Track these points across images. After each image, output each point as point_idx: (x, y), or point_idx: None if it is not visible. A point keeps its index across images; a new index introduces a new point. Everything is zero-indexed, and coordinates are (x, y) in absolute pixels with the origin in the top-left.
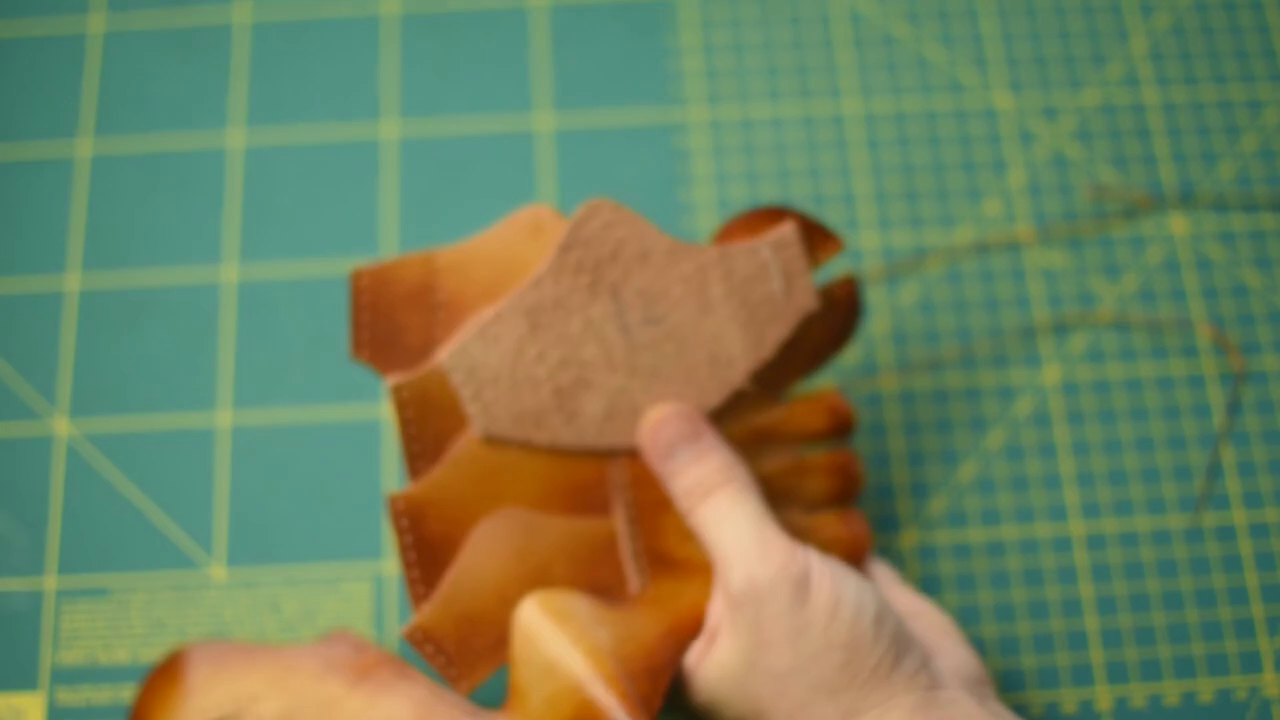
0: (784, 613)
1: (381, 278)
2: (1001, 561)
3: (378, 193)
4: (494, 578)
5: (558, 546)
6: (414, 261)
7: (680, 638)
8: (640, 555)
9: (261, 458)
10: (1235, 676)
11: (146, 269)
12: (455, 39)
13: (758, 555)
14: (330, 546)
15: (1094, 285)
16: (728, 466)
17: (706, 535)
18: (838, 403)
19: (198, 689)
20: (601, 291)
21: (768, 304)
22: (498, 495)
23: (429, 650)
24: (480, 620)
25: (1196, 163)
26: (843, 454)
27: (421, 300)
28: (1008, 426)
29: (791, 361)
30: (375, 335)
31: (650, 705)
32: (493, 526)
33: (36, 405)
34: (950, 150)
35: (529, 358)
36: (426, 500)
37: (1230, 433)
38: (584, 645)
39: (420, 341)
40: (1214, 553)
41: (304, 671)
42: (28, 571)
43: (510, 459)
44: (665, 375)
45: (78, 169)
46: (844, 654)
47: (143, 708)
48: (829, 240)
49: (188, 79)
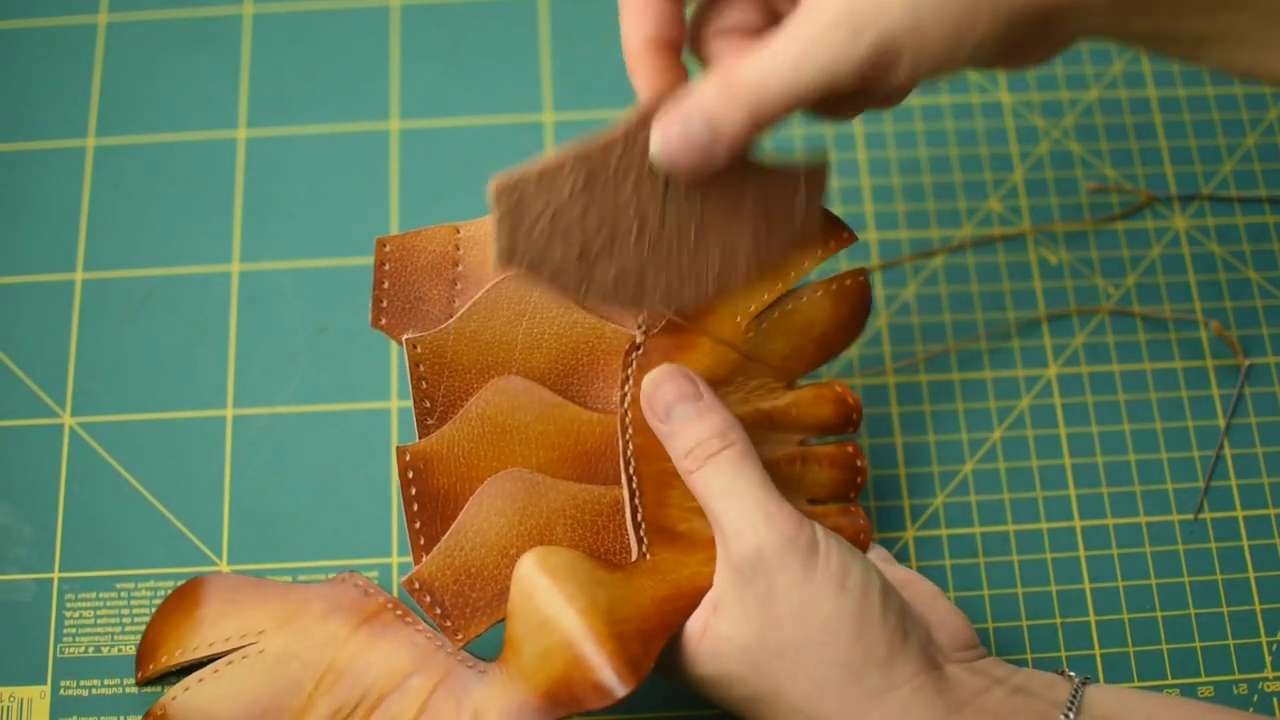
0: (794, 583)
1: (405, 247)
2: (1003, 556)
3: (386, 184)
4: (496, 534)
5: (561, 509)
6: (439, 233)
7: (677, 605)
8: (642, 526)
9: (267, 452)
10: (1236, 672)
11: (154, 262)
12: (462, 30)
13: (765, 525)
14: (336, 542)
15: (1096, 281)
16: (727, 428)
17: (709, 503)
18: (845, 394)
19: (207, 620)
20: (658, 172)
21: (784, 223)
22: (505, 456)
23: (426, 601)
24: (479, 575)
25: (1199, 159)
26: (848, 447)
27: (443, 272)
28: (1010, 421)
29: (800, 350)
30: (394, 304)
31: (639, 667)
32: (498, 485)
33: (43, 399)
34: (954, 146)
35: (573, 213)
36: (434, 455)
37: (1232, 428)
38: (579, 603)
39: (439, 312)
40: (1215, 548)
41: (310, 611)
42: (33, 564)
43: (521, 421)
44: (677, 263)
45: (86, 163)
46: (855, 625)
47: (153, 634)
48: (841, 233)
49: (196, 72)
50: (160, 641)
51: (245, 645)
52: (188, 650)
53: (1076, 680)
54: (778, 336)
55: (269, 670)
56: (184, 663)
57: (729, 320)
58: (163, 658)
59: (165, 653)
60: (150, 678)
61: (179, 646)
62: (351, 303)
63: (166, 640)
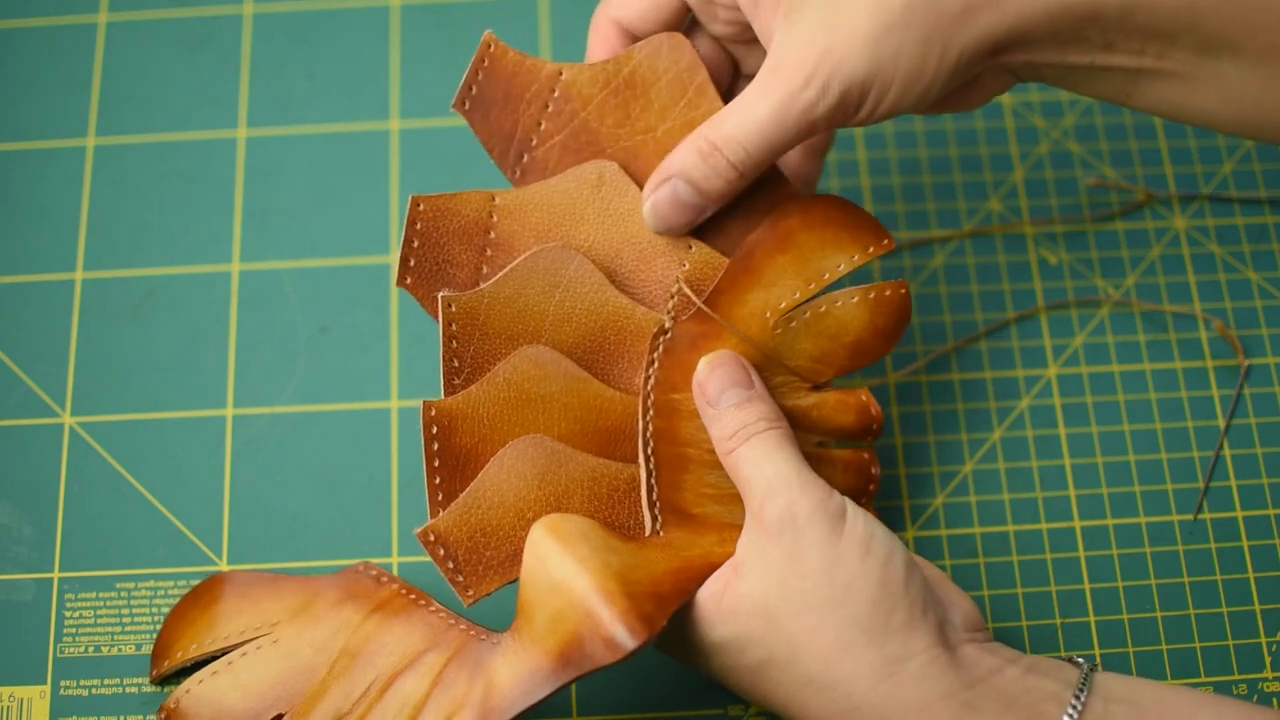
0: (821, 540)
1: (440, 209)
2: (1003, 556)
3: (386, 184)
4: (513, 496)
5: (579, 480)
6: (474, 198)
7: (689, 575)
8: (657, 505)
9: (267, 452)
10: (1236, 672)
11: (154, 262)
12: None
13: (799, 488)
14: (336, 542)
15: (1096, 281)
16: (775, 416)
17: (745, 471)
18: (870, 403)
19: (223, 616)
20: None
21: None
22: (528, 423)
23: (439, 554)
24: (494, 534)
25: (1198, 159)
26: (863, 453)
27: (475, 238)
28: (1010, 422)
29: (830, 355)
30: (422, 265)
31: (652, 623)
32: (520, 448)
33: (43, 398)
34: (954, 146)
35: None
36: (459, 413)
37: (1232, 428)
38: (591, 564)
39: (466, 278)
40: (1215, 548)
41: (323, 600)
42: (33, 564)
43: (547, 390)
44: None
45: (86, 163)
46: (878, 589)
47: (169, 632)
48: (881, 239)
49: (196, 72)
50: (175, 639)
51: (259, 637)
52: (202, 645)
53: (1085, 665)
54: (807, 338)
55: (281, 658)
56: (197, 658)
57: (758, 315)
58: (177, 654)
59: (180, 649)
60: (164, 674)
61: (194, 642)
62: (352, 303)
63: (182, 638)
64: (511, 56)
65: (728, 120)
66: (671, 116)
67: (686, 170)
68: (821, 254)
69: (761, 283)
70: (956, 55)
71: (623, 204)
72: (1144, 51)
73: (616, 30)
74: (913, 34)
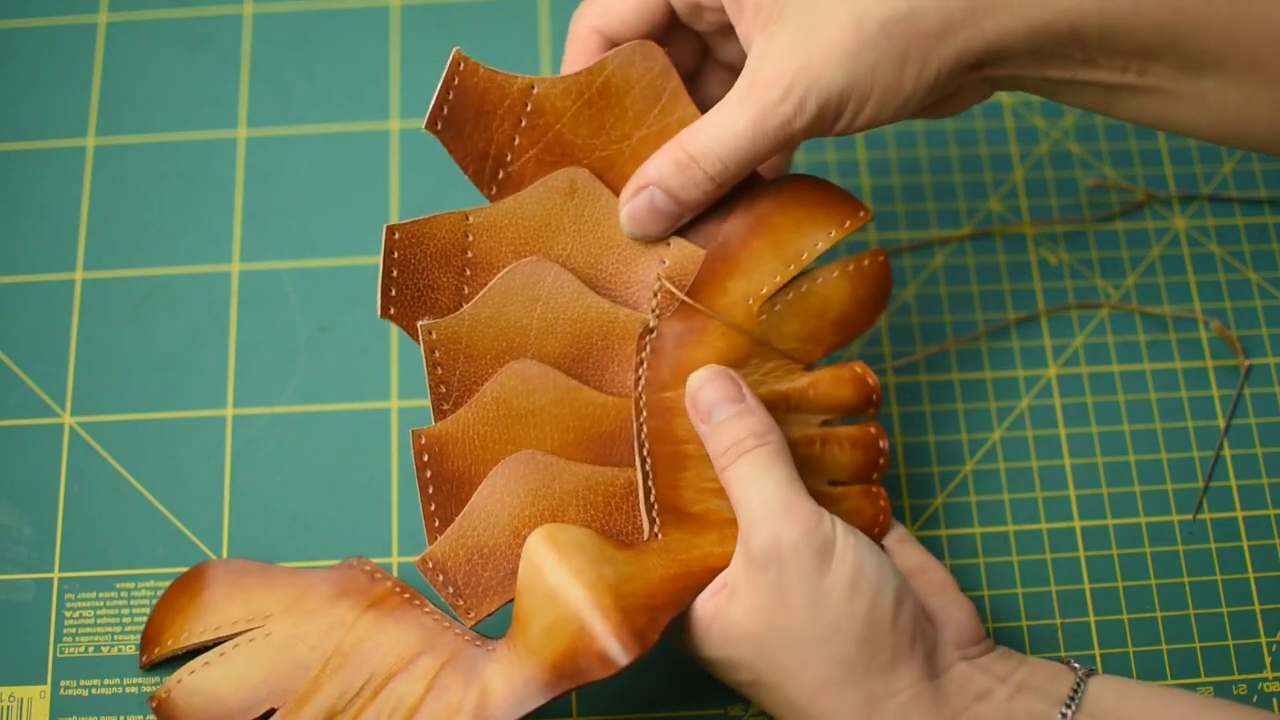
0: (805, 577)
1: (415, 234)
2: (1003, 556)
3: (386, 184)
4: (508, 515)
5: (574, 490)
6: (448, 219)
7: (686, 583)
8: (654, 507)
9: (267, 451)
10: (1235, 672)
11: (154, 262)
12: (462, 30)
13: (783, 517)
14: (336, 542)
15: (1096, 281)
16: (765, 430)
17: (735, 493)
18: (865, 374)
19: (213, 604)
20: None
21: None
22: (520, 439)
23: (439, 580)
24: (492, 555)
25: (1198, 159)
26: (870, 427)
27: (453, 260)
28: (1010, 422)
29: (818, 332)
30: (404, 293)
31: (644, 638)
32: (512, 466)
33: (43, 398)
34: (954, 146)
35: None
36: (449, 437)
37: (1231, 428)
38: (586, 577)
39: (448, 300)
40: (1215, 548)
41: (317, 594)
42: (33, 564)
43: (536, 404)
44: None
45: (86, 163)
46: (864, 628)
47: (158, 618)
48: (856, 211)
49: (196, 72)
50: (165, 625)
51: (251, 629)
52: (194, 634)
53: (1080, 672)
54: (793, 319)
55: (275, 653)
56: (189, 646)
57: (741, 302)
58: (168, 641)
59: (170, 636)
60: (155, 661)
61: (184, 630)
62: (351, 303)
63: (172, 624)
64: (482, 73)
65: (705, 132)
66: (646, 124)
67: (664, 180)
68: (798, 234)
69: (741, 270)
70: (935, 71)
71: (597, 209)
72: (1126, 68)
73: (595, 38)
74: (891, 49)
